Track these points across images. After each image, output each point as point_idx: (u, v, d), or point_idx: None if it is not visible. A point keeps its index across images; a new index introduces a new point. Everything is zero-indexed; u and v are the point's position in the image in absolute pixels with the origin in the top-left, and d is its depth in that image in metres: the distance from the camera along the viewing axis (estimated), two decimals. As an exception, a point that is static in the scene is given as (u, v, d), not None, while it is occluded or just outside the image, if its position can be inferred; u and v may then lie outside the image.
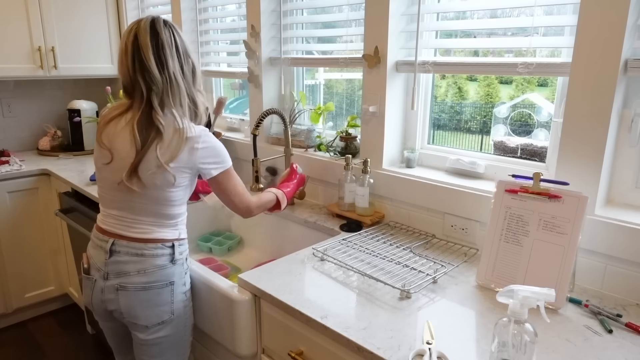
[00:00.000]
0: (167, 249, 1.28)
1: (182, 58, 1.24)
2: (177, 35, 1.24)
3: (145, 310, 1.27)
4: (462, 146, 1.69)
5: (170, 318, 1.30)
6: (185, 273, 1.34)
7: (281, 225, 1.86)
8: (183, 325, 1.35)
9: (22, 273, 2.62)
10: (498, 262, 1.23)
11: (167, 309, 1.29)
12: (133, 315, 1.28)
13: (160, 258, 1.27)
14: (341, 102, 2.11)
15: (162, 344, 1.32)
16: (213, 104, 2.61)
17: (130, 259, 1.25)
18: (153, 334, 1.29)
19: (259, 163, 1.74)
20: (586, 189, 1.19)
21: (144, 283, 1.25)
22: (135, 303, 1.26)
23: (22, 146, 2.99)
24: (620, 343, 1.00)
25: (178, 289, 1.30)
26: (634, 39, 1.15)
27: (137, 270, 1.25)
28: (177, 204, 1.28)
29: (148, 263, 1.26)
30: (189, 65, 1.26)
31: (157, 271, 1.26)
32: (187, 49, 1.27)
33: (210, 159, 1.26)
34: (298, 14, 2.06)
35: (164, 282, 1.27)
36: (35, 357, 2.43)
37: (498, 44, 1.51)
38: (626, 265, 1.17)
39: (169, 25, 1.24)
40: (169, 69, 1.21)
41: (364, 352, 0.97)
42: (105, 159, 1.25)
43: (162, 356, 1.34)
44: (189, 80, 1.26)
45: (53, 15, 2.67)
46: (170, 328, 1.31)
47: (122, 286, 1.26)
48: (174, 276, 1.29)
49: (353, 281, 1.26)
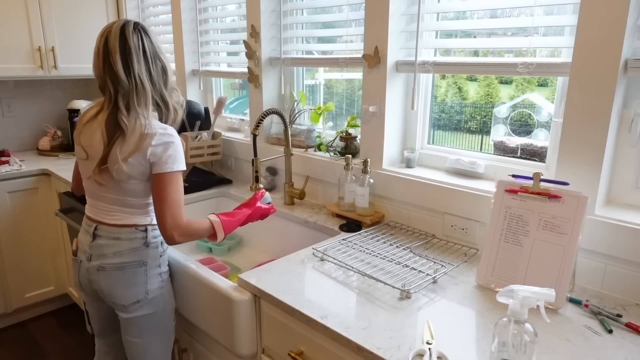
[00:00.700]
0: (140, 233, 1.37)
1: (150, 61, 1.31)
2: (146, 39, 1.31)
3: (122, 290, 1.37)
4: (462, 146, 1.69)
5: (145, 298, 1.38)
6: (160, 256, 1.41)
7: (281, 225, 1.86)
8: (162, 308, 1.42)
9: (22, 273, 2.62)
10: (498, 262, 1.23)
11: (142, 289, 1.38)
12: (112, 294, 1.38)
13: (134, 241, 1.37)
14: (341, 102, 2.11)
15: (142, 324, 1.40)
16: (213, 104, 2.61)
17: (108, 242, 1.37)
18: (132, 313, 1.39)
19: (259, 163, 1.74)
20: (586, 189, 1.19)
21: (119, 263, 1.36)
22: (112, 282, 1.37)
23: (22, 146, 3.00)
24: (620, 343, 1.00)
25: (152, 270, 1.39)
26: (634, 39, 1.15)
27: (113, 252, 1.36)
28: (143, 195, 1.36)
29: (123, 246, 1.36)
30: (157, 68, 1.33)
31: (130, 252, 1.36)
32: (157, 51, 1.34)
33: (162, 154, 1.29)
34: (298, 14, 2.06)
35: (137, 262, 1.37)
36: (35, 357, 2.43)
37: (498, 44, 1.51)
38: (626, 265, 1.17)
39: (139, 29, 1.31)
40: (134, 73, 1.28)
41: (364, 352, 0.97)
42: (82, 155, 1.38)
43: (144, 336, 1.42)
44: (156, 82, 1.34)
45: (53, 15, 2.67)
46: (148, 308, 1.39)
47: (102, 267, 1.37)
48: (147, 257, 1.38)
49: (353, 281, 1.26)
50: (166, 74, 1.36)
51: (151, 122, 1.31)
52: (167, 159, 1.30)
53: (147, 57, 1.31)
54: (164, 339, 1.47)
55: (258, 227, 1.98)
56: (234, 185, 2.19)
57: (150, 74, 1.32)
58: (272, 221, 1.90)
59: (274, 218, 1.89)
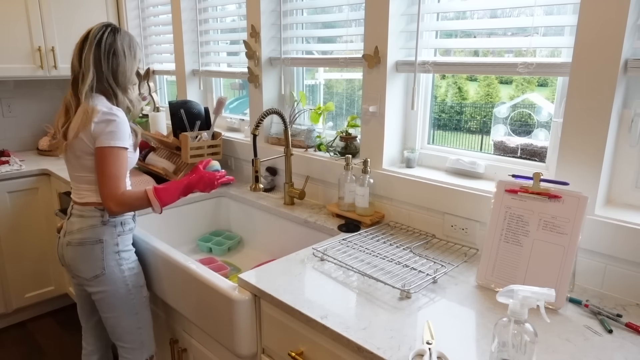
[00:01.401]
0: (98, 212, 1.48)
1: (103, 50, 1.44)
2: (109, 36, 1.46)
3: (82, 264, 1.49)
4: (462, 146, 1.69)
5: (102, 273, 1.49)
6: (119, 235, 1.52)
7: (281, 225, 1.86)
8: (123, 284, 1.52)
9: (22, 273, 2.62)
10: (498, 262, 1.23)
11: (99, 265, 1.48)
12: (75, 268, 1.51)
13: (93, 219, 1.48)
14: (341, 102, 2.11)
15: (105, 299, 1.52)
16: (213, 104, 2.61)
17: (75, 220, 1.50)
18: (94, 287, 1.51)
19: (259, 163, 1.74)
20: (586, 189, 1.19)
21: (80, 239, 1.48)
22: (74, 256, 1.50)
23: (22, 146, 3.00)
24: (620, 343, 1.00)
25: (108, 248, 1.49)
26: (634, 39, 1.15)
27: (77, 228, 1.49)
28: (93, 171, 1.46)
29: (84, 222, 1.48)
30: (110, 58, 1.46)
31: (89, 229, 1.48)
32: (117, 49, 1.46)
33: (103, 130, 1.41)
34: (298, 14, 2.06)
35: (95, 239, 1.48)
36: (35, 357, 2.43)
37: (498, 44, 1.51)
38: (626, 265, 1.17)
39: (106, 28, 1.47)
40: (82, 57, 1.44)
41: (364, 352, 0.97)
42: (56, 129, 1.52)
43: (111, 312, 1.53)
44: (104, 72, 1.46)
45: (53, 15, 2.67)
46: (107, 284, 1.50)
47: (69, 242, 1.50)
48: (104, 235, 1.49)
49: (353, 281, 1.26)
50: (118, 71, 1.48)
51: (95, 102, 1.44)
52: (107, 135, 1.41)
53: (100, 48, 1.44)
54: (133, 314, 1.56)
55: (258, 227, 1.99)
56: (234, 185, 2.19)
57: (99, 63, 1.44)
58: (272, 221, 1.90)
59: (274, 218, 1.89)
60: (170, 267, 1.49)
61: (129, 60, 1.51)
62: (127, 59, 1.50)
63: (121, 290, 1.52)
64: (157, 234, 1.87)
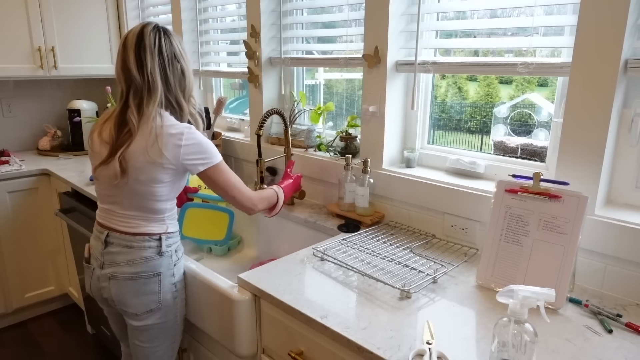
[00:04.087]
0: (154, 242, 1.34)
1: (167, 61, 1.29)
2: (165, 39, 1.29)
3: (134, 299, 1.34)
4: (462, 146, 1.69)
5: (158, 307, 1.37)
6: (175, 265, 1.38)
7: (281, 225, 1.86)
8: (173, 315, 1.41)
9: (22, 273, 2.62)
10: (498, 262, 1.23)
11: (155, 299, 1.35)
12: (123, 303, 1.36)
13: (148, 250, 1.33)
14: (341, 102, 2.11)
15: (152, 331, 1.39)
16: (213, 104, 2.61)
17: (121, 250, 1.33)
18: (142, 321, 1.37)
19: (263, 163, 1.74)
20: (586, 189, 1.19)
21: (132, 273, 1.33)
22: (124, 292, 1.34)
23: (22, 146, 3.00)
24: (620, 343, 1.00)
25: (165, 279, 1.36)
26: (634, 39, 1.15)
27: (126, 260, 1.33)
28: (163, 199, 1.33)
29: (136, 254, 1.33)
30: (174, 69, 1.31)
31: (144, 262, 1.33)
32: (177, 53, 1.32)
33: (195, 155, 1.29)
34: (298, 14, 2.06)
35: (151, 272, 1.34)
36: (35, 357, 2.43)
37: (498, 44, 1.51)
38: (626, 265, 1.17)
39: (158, 29, 1.30)
40: (147, 70, 1.26)
41: (364, 352, 0.97)
42: (92, 157, 1.36)
43: (152, 342, 1.41)
44: (171, 83, 1.31)
45: (53, 15, 2.67)
46: (159, 317, 1.38)
47: (114, 275, 1.34)
48: (161, 267, 1.35)
49: (353, 281, 1.26)
50: (185, 77, 1.34)
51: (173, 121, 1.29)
52: (205, 157, 1.31)
53: (162, 56, 1.28)
54: (172, 343, 1.45)
55: (258, 227, 1.98)
56: (234, 185, 2.18)
57: (165, 73, 1.29)
58: (272, 221, 1.90)
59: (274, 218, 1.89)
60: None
61: (189, 64, 1.36)
62: (187, 62, 1.35)
63: (170, 322, 1.41)
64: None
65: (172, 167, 1.27)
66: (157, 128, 1.25)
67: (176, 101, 1.33)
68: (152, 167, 1.26)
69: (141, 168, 1.26)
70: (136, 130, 1.25)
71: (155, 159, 1.25)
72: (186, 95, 1.35)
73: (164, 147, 1.25)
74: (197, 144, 1.29)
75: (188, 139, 1.27)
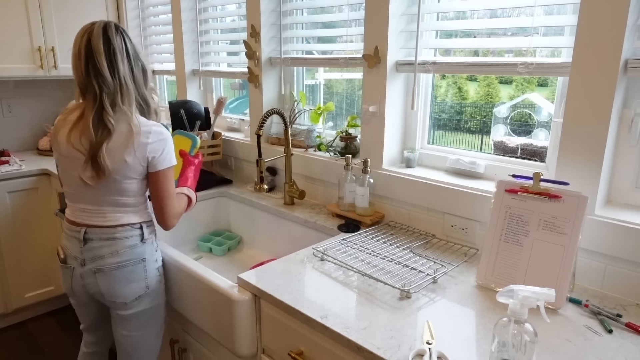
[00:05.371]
0: (136, 230, 1.40)
1: (132, 62, 1.35)
2: (128, 40, 1.35)
3: (123, 288, 1.39)
4: (462, 146, 1.69)
5: (146, 292, 1.43)
6: (156, 251, 1.46)
7: (281, 225, 1.86)
8: (160, 300, 1.48)
9: (22, 273, 2.62)
10: (498, 262, 1.23)
11: (142, 284, 1.42)
12: (112, 294, 1.39)
13: (131, 239, 1.39)
14: (341, 102, 2.11)
15: (141, 318, 1.44)
16: (213, 104, 2.61)
17: (103, 244, 1.37)
18: (132, 309, 1.42)
19: (263, 163, 1.74)
20: (586, 189, 1.19)
21: (118, 263, 1.37)
22: (112, 283, 1.38)
23: (22, 146, 3.00)
24: (620, 343, 1.00)
25: (151, 265, 1.43)
26: (634, 39, 1.15)
27: (110, 252, 1.37)
28: (136, 194, 1.39)
29: (120, 245, 1.37)
30: (138, 68, 1.37)
31: (129, 250, 1.38)
32: (137, 51, 1.38)
33: (159, 153, 1.35)
34: (298, 14, 2.06)
35: (136, 259, 1.40)
36: (35, 357, 2.43)
37: (498, 44, 1.51)
38: (626, 265, 1.17)
39: (120, 31, 1.34)
40: (119, 73, 1.31)
41: (364, 352, 0.97)
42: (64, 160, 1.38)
43: (141, 329, 1.46)
44: (139, 82, 1.37)
45: (53, 15, 2.67)
46: (147, 302, 1.44)
47: (99, 269, 1.38)
48: (146, 254, 1.41)
49: (353, 281, 1.26)
50: (146, 74, 1.40)
51: (142, 119, 1.35)
52: (166, 156, 1.36)
53: (130, 57, 1.34)
54: (159, 330, 1.52)
55: (258, 227, 1.98)
56: (234, 185, 2.18)
57: (133, 74, 1.35)
58: (272, 221, 1.90)
59: (274, 218, 1.89)
60: (170, 267, 1.49)
61: (145, 58, 1.41)
62: (144, 58, 1.40)
63: (157, 307, 1.48)
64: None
65: (143, 164, 1.34)
66: (134, 127, 1.31)
67: (143, 98, 1.38)
68: (126, 165, 1.31)
69: (116, 168, 1.31)
70: (113, 131, 1.30)
71: (129, 158, 1.31)
72: (148, 90, 1.40)
73: (137, 145, 1.31)
74: (164, 144, 1.35)
75: (155, 137, 1.33)
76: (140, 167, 1.34)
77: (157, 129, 1.35)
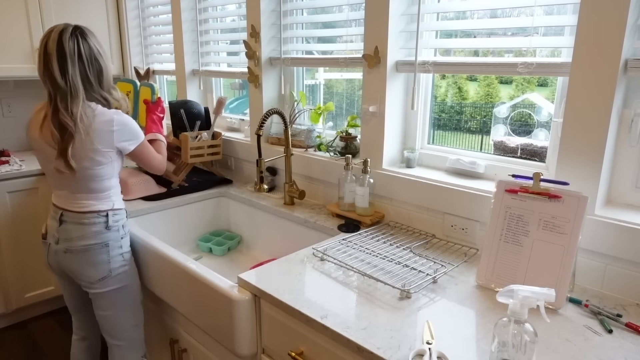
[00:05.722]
0: (102, 218, 1.53)
1: (86, 64, 1.45)
2: (83, 43, 1.44)
3: (87, 269, 1.54)
4: (462, 146, 1.69)
5: (109, 275, 1.55)
6: (122, 238, 1.58)
7: (281, 225, 1.86)
8: (126, 284, 1.59)
9: (22, 273, 2.62)
10: (498, 262, 1.23)
11: (105, 267, 1.54)
12: (79, 273, 1.55)
13: (97, 225, 1.53)
14: (341, 102, 2.11)
15: (109, 298, 1.57)
16: (213, 104, 2.61)
17: (74, 227, 1.52)
18: (98, 289, 1.56)
19: (263, 163, 1.74)
20: (586, 189, 1.19)
21: (84, 245, 1.52)
22: (78, 263, 1.54)
23: (22, 146, 2.99)
24: (620, 343, 1.00)
25: (114, 250, 1.55)
26: (634, 39, 1.15)
27: (78, 235, 1.52)
28: (107, 177, 1.53)
29: (87, 230, 1.52)
30: (93, 70, 1.47)
31: (94, 235, 1.52)
32: (96, 54, 1.48)
33: (126, 137, 1.52)
34: (298, 14, 2.06)
35: (100, 243, 1.53)
36: (35, 357, 2.43)
37: (498, 44, 1.51)
38: (626, 265, 1.17)
39: (76, 35, 1.44)
40: (69, 76, 1.41)
41: (364, 352, 0.97)
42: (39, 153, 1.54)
43: (112, 309, 1.59)
44: (94, 83, 1.48)
45: (53, 16, 2.67)
46: (112, 284, 1.56)
47: (68, 249, 1.53)
48: (109, 239, 1.54)
49: (353, 281, 1.26)
50: (103, 75, 1.50)
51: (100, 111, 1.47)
52: (131, 137, 1.53)
53: (82, 60, 1.44)
54: (132, 311, 1.63)
55: (258, 227, 1.99)
56: (234, 185, 2.19)
57: (86, 76, 1.45)
58: (272, 221, 1.90)
59: (274, 218, 1.89)
60: (170, 267, 1.49)
61: (106, 59, 1.52)
62: (105, 59, 1.52)
63: (125, 289, 1.59)
64: (157, 234, 1.87)
65: (109, 150, 1.48)
66: (90, 119, 1.44)
67: (101, 95, 1.51)
68: (92, 153, 1.45)
69: (84, 157, 1.45)
70: (74, 130, 1.42)
71: (93, 147, 1.45)
72: (105, 88, 1.52)
73: (98, 134, 1.44)
74: (126, 127, 1.51)
75: (118, 124, 1.48)
76: (109, 153, 1.49)
77: (117, 117, 1.48)
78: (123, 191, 1.98)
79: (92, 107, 1.46)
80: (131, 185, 1.96)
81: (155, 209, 1.91)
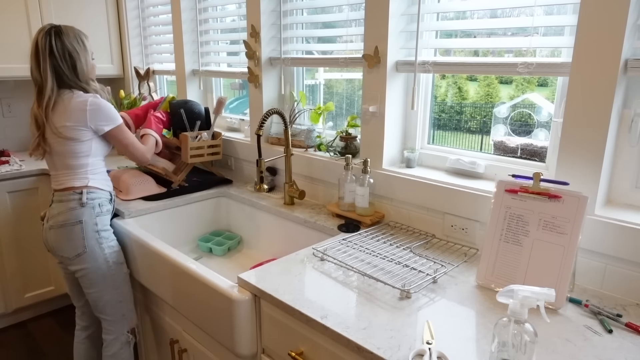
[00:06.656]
0: (76, 195, 1.64)
1: (59, 59, 1.60)
2: (57, 41, 1.59)
3: (65, 244, 1.63)
4: (462, 146, 1.69)
5: (84, 251, 1.64)
6: (97, 216, 1.66)
7: (281, 225, 1.86)
8: (103, 260, 1.66)
9: (22, 273, 2.62)
10: (498, 262, 1.23)
11: (80, 244, 1.63)
12: (58, 248, 1.65)
13: (71, 202, 1.64)
14: (341, 102, 2.11)
15: (88, 276, 1.66)
16: (213, 104, 2.61)
17: (56, 205, 1.65)
18: (76, 265, 1.65)
19: (263, 164, 1.74)
20: (586, 189, 1.19)
21: (61, 222, 1.63)
22: (56, 238, 1.64)
23: (22, 146, 2.99)
24: (620, 343, 1.00)
25: (88, 227, 1.64)
26: (634, 39, 1.15)
27: (57, 212, 1.64)
28: (83, 155, 1.65)
29: (64, 206, 1.64)
30: (66, 64, 1.61)
31: (69, 212, 1.63)
32: (69, 50, 1.61)
33: (100, 117, 1.63)
34: (298, 14, 2.06)
35: (74, 220, 1.63)
36: (35, 357, 2.43)
37: (498, 44, 1.51)
38: (626, 265, 1.17)
39: (50, 33, 1.59)
40: (41, 69, 1.59)
41: (364, 352, 0.97)
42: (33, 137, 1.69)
43: (93, 287, 1.68)
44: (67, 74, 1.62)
45: (53, 16, 2.67)
46: (88, 261, 1.64)
47: (51, 226, 1.65)
48: (84, 216, 1.63)
49: (353, 281, 1.26)
50: (77, 68, 1.63)
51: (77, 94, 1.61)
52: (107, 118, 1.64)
53: (53, 55, 1.58)
54: (114, 289, 1.70)
55: (258, 227, 1.99)
56: (234, 185, 2.19)
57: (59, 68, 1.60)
58: (272, 221, 1.90)
59: (274, 218, 1.89)
60: (170, 267, 1.49)
61: (82, 54, 1.65)
62: (80, 54, 1.64)
63: (102, 267, 1.66)
64: (157, 234, 1.87)
65: (82, 128, 1.61)
66: (66, 101, 1.59)
67: (77, 85, 1.64)
68: (66, 129, 1.59)
69: (57, 133, 1.59)
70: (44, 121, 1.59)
71: (65, 124, 1.58)
72: (82, 79, 1.65)
73: (72, 112, 1.59)
74: (100, 108, 1.63)
75: (92, 104, 1.61)
76: (82, 131, 1.61)
77: (92, 99, 1.62)
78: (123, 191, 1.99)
79: (73, 92, 1.62)
80: (131, 185, 1.96)
81: (155, 209, 1.91)
